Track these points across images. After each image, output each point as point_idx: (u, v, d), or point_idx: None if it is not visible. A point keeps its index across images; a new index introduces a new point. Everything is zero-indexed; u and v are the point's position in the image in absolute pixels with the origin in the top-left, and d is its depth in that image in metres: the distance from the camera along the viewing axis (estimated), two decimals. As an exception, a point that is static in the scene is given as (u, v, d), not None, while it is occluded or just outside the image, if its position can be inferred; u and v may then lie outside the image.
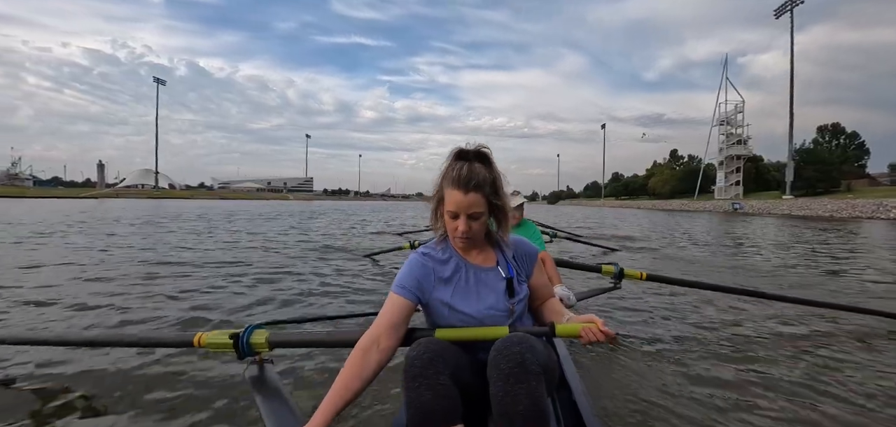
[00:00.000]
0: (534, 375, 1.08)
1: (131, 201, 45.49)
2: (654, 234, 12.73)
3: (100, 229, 10.65)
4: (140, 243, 7.92)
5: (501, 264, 1.37)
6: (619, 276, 2.98)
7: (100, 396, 1.94)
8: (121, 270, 5.04)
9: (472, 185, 1.25)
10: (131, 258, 6.03)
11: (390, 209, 36.96)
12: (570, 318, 1.33)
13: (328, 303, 3.75)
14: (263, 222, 14.94)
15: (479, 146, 1.33)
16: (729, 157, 59.44)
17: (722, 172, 60.18)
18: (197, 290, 4.07)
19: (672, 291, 3.95)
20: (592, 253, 7.48)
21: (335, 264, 5.84)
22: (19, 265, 5.33)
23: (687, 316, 3.30)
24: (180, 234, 9.91)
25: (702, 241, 10.72)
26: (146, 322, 3.08)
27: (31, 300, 3.60)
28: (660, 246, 9.36)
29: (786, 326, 3.05)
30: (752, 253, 8.30)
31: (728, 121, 60.73)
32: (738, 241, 11.06)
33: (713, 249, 8.92)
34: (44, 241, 8.04)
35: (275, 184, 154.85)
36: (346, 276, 4.98)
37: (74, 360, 2.27)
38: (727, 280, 5.07)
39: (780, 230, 15.55)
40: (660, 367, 2.33)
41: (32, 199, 45.13)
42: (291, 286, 4.36)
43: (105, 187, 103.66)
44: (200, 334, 1.59)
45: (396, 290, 1.29)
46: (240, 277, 4.74)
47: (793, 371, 2.29)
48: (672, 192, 71.04)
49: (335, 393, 1.15)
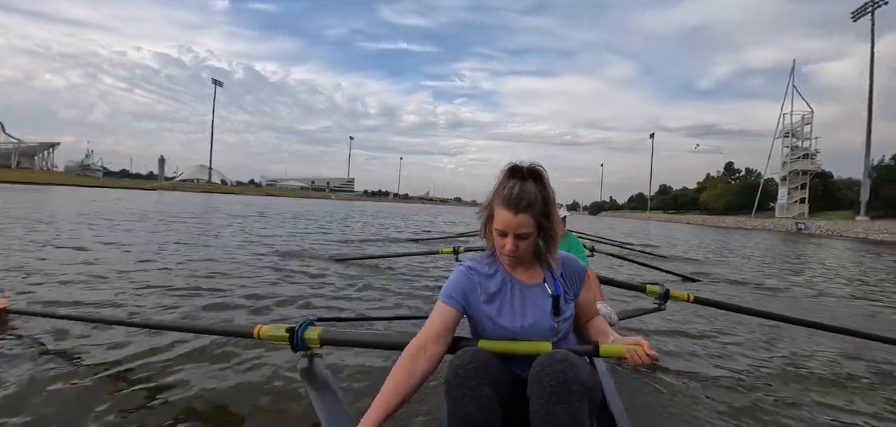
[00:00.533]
0: (576, 396, 1.07)
1: (187, 194, 48.62)
2: (702, 252, 11.82)
3: (159, 222, 11.24)
4: (189, 237, 8.37)
5: (548, 281, 1.35)
6: (665, 296, 2.82)
7: (164, 379, 2.06)
8: (174, 261, 5.36)
9: (521, 205, 1.23)
10: (183, 251, 6.35)
11: (427, 212, 37.29)
12: (616, 339, 1.30)
13: (374, 304, 3.87)
14: (309, 222, 15.39)
15: (533, 164, 1.30)
16: (793, 172, 54.60)
17: (784, 188, 55.30)
18: (253, 284, 4.31)
19: (722, 317, 3.70)
20: (636, 270, 6.93)
21: (375, 265, 6.01)
22: (86, 249, 5.92)
23: (736, 345, 3.09)
24: (236, 230, 10.53)
25: (759, 262, 9.85)
26: (206, 311, 3.32)
27: (111, 283, 3.97)
28: (708, 264, 8.60)
29: (852, 362, 2.82)
30: (820, 279, 7.49)
31: (793, 132, 55.90)
32: (803, 265, 10.04)
33: (772, 272, 8.06)
34: (116, 230, 8.64)
35: (318, 183, 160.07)
36: (388, 278, 5.12)
37: (140, 342, 2.42)
38: (785, 308, 4.56)
39: (853, 255, 14.28)
40: (704, 396, 2.22)
41: (100, 188, 49.19)
42: (337, 284, 4.60)
43: (164, 180, 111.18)
44: (259, 327, 1.69)
45: (444, 300, 1.30)
46: (292, 274, 5.02)
47: (854, 413, 2.13)
48: (726, 207, 66.26)
49: (383, 397, 1.15)
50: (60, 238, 6.90)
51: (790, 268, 9.19)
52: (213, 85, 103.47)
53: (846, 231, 35.25)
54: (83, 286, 3.81)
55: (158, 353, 2.32)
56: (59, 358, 2.21)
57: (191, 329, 2.28)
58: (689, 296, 2.83)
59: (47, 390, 1.89)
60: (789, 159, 55.71)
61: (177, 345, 2.41)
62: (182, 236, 8.26)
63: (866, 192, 41.83)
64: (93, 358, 2.23)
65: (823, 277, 7.78)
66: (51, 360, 2.18)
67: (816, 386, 2.44)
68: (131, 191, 50.00)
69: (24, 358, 2.19)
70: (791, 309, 4.62)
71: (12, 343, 2.37)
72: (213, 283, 4.22)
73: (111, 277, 4.17)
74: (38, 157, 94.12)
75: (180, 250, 6.37)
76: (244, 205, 28.26)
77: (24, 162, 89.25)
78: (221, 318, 3.21)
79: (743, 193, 66.19)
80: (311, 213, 21.54)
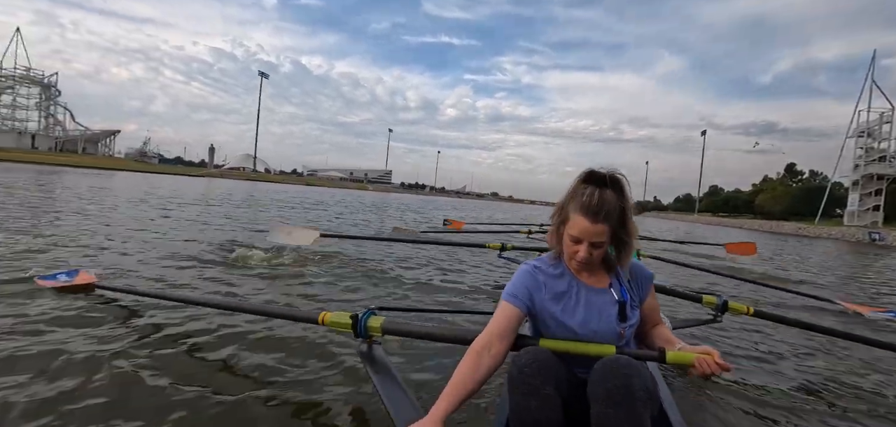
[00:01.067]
0: (640, 402, 1.06)
1: (233, 182, 50.72)
2: (749, 260, 10.41)
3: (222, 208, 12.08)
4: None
5: (614, 287, 1.33)
6: (722, 308, 2.64)
7: (235, 356, 2.18)
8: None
9: (601, 215, 1.22)
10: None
11: (464, 206, 37.30)
12: (682, 347, 1.27)
13: (430, 295, 3.96)
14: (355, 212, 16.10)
15: (613, 170, 1.27)
16: (867, 176, 49.23)
17: (856, 193, 50.03)
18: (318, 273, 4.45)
19: (785, 333, 3.47)
20: (686, 276, 6.52)
21: (423, 250, 6.33)
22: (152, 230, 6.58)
23: (799, 363, 2.94)
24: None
25: (827, 273, 9.29)
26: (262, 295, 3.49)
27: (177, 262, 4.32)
28: (763, 274, 7.81)
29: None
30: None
31: (869, 132, 50.31)
32: (881, 279, 9.11)
33: (841, 285, 7.29)
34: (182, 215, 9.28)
35: (356, 174, 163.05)
36: (438, 266, 5.34)
37: (212, 322, 2.56)
38: (853, 327, 3.96)
39: None
40: (761, 416, 2.10)
41: (156, 174, 52.22)
42: (393, 268, 4.97)
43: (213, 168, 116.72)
44: (324, 313, 1.74)
45: (507, 299, 1.30)
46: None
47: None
48: (785, 212, 61.26)
49: (451, 392, 1.15)
50: (137, 220, 7.54)
51: (866, 281, 8.35)
52: (260, 77, 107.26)
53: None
54: (159, 266, 4.11)
55: (227, 332, 2.45)
56: (139, 332, 2.36)
57: (260, 312, 2.40)
58: (750, 309, 2.63)
59: (128, 362, 2.00)
60: (863, 161, 50.28)
61: (244, 326, 2.54)
62: (242, 222, 8.90)
63: (957, 201, 37.20)
64: (169, 334, 2.38)
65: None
66: (131, 334, 2.33)
67: (885, 409, 2.30)
68: (182, 177, 52.58)
69: (108, 331, 2.35)
70: (860, 327, 4.08)
71: (98, 316, 2.55)
72: (275, 270, 4.35)
73: (183, 259, 4.47)
74: (101, 143, 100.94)
75: (241, 235, 6.78)
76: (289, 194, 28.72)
77: (89, 148, 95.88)
78: (285, 302, 3.35)
79: (805, 198, 60.92)
80: (348, 204, 21.80)
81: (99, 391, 1.75)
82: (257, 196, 18.77)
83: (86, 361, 1.98)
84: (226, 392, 1.83)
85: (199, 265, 4.26)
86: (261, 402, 1.79)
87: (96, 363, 1.96)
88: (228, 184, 41.72)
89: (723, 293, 2.85)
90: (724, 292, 2.82)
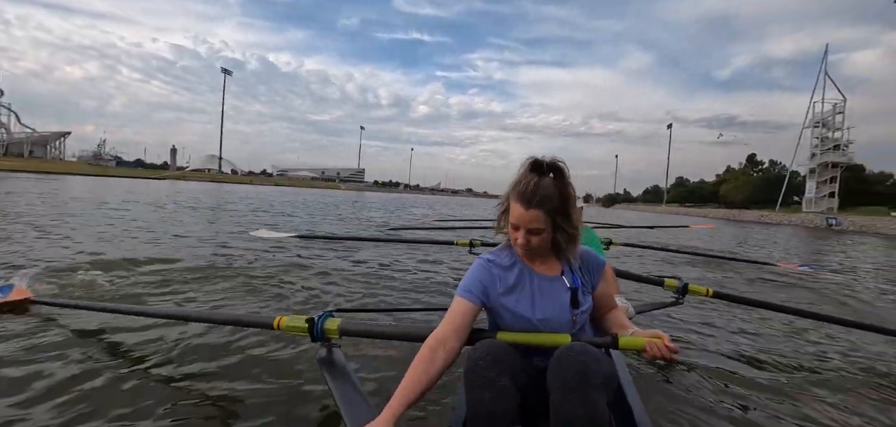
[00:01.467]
0: (595, 387, 1.07)
1: (194, 184, 48.54)
2: (717, 246, 11.26)
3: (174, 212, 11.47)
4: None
5: (566, 274, 1.35)
6: (683, 290, 2.71)
7: (186, 367, 2.11)
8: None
9: (534, 201, 1.23)
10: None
11: (435, 204, 36.78)
12: (635, 332, 1.30)
13: (393, 291, 3.97)
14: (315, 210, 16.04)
15: (554, 159, 1.30)
16: (822, 164, 51.36)
17: (813, 181, 52.04)
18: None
19: (742, 313, 3.65)
20: (654, 263, 7.00)
21: (384, 252, 6.10)
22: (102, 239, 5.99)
23: (757, 341, 3.04)
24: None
25: (794, 257, 9.86)
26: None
27: (132, 274, 3.97)
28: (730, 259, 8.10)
29: (881, 360, 2.78)
30: (851, 277, 7.11)
31: (824, 122, 52.46)
32: (837, 261, 9.51)
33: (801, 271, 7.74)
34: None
35: (328, 173, 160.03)
36: (404, 267, 5.17)
37: (160, 332, 2.44)
38: (808, 304, 4.38)
39: (892, 253, 13.28)
40: (722, 392, 2.20)
41: (112, 178, 49.42)
42: (354, 270, 4.77)
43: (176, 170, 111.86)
44: (279, 318, 1.70)
45: (462, 294, 1.30)
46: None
47: (879, 413, 2.09)
48: (747, 201, 63.52)
49: (403, 391, 1.14)
50: (79, 228, 6.88)
51: (825, 264, 8.74)
52: (223, 73, 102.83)
53: (884, 228, 32.91)
54: (103, 275, 3.81)
55: (178, 343, 2.34)
56: (81, 348, 2.23)
57: (210, 319, 2.29)
58: (708, 290, 2.73)
59: (69, 380, 1.91)
60: (819, 151, 52.44)
61: (196, 335, 2.44)
62: (197, 226, 8.33)
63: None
64: (114, 348, 2.28)
65: (855, 275, 7.34)
66: (73, 350, 2.19)
67: (838, 383, 2.39)
68: (141, 180, 49.91)
69: (47, 348, 2.21)
70: (813, 304, 4.46)
71: (36, 333, 2.37)
72: (230, 273, 4.20)
73: (130, 267, 4.18)
74: (51, 146, 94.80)
75: (192, 241, 6.39)
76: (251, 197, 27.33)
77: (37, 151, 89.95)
78: (242, 308, 3.23)
79: (766, 187, 63.34)
80: (315, 204, 21.06)
81: (36, 415, 1.66)
82: (207, 201, 16.91)
83: (20, 382, 1.87)
84: (174, 405, 1.77)
85: (151, 274, 4.02)
86: (211, 413, 1.75)
87: (32, 383, 1.86)
88: (190, 186, 40.20)
89: (684, 276, 2.93)
90: (684, 275, 2.97)
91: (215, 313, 2.60)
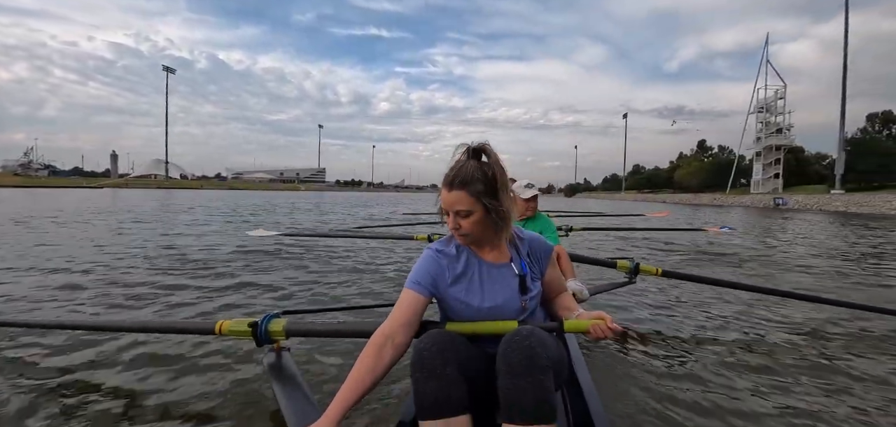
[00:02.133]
0: (541, 369, 1.09)
1: (137, 191, 44.66)
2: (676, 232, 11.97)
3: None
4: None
5: (515, 261, 1.36)
6: (635, 271, 2.90)
7: (123, 382, 2.00)
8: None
9: (456, 182, 1.24)
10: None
11: (401, 201, 35.83)
12: (580, 314, 1.34)
13: (345, 291, 3.89)
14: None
15: (481, 143, 1.30)
16: (767, 148, 53.94)
17: (759, 164, 54.51)
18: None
19: (689, 289, 3.85)
20: (611, 247, 7.36)
21: (343, 246, 6.18)
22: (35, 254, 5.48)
23: (703, 314, 3.23)
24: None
25: (748, 237, 10.04)
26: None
27: (52, 287, 3.79)
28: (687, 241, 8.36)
29: (812, 329, 2.94)
30: (797, 253, 7.35)
31: (767, 107, 55.00)
32: (784, 240, 9.89)
33: (752, 252, 7.48)
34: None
35: (287, 174, 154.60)
36: (356, 262, 5.16)
37: (95, 347, 2.32)
38: (751, 279, 4.81)
39: (835, 228, 13.91)
40: (673, 365, 2.30)
41: (41, 189, 45.06)
42: (302, 269, 4.72)
43: (118, 177, 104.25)
44: (221, 322, 1.64)
45: (411, 286, 1.28)
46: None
47: (813, 376, 2.21)
48: (701, 185, 66.18)
49: (348, 388, 1.14)
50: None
51: (773, 242, 9.10)
52: (165, 71, 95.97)
53: (825, 205, 34.66)
54: (31, 290, 3.65)
55: (113, 356, 2.25)
56: (7, 366, 2.14)
57: (146, 329, 2.20)
58: (658, 270, 2.89)
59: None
60: (763, 135, 55.11)
61: (132, 347, 2.34)
62: (131, 236, 7.82)
63: (841, 166, 41.54)
64: (43, 366, 2.16)
65: (808, 250, 7.77)
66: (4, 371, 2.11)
67: (780, 352, 2.51)
68: (75, 190, 45.71)
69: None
70: (759, 279, 4.78)
71: None
72: (169, 280, 4.08)
73: (59, 282, 3.98)
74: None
75: (127, 249, 6.05)
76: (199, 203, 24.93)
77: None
78: (180, 316, 3.12)
79: (717, 172, 66.09)
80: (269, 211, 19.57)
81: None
82: (139, 213, 14.62)
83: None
84: (107, 420, 1.70)
85: (80, 287, 3.80)
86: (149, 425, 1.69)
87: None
88: (134, 194, 37.09)
89: (636, 256, 3.28)
90: (637, 254, 3.49)
91: (150, 322, 2.51)
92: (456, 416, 1.08)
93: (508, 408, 1.06)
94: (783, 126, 54.11)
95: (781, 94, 53.99)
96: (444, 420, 1.08)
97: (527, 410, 1.05)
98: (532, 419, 1.04)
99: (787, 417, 1.80)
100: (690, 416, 1.79)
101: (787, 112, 53.82)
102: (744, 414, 1.82)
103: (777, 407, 1.88)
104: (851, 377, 2.17)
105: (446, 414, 1.07)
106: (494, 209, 1.25)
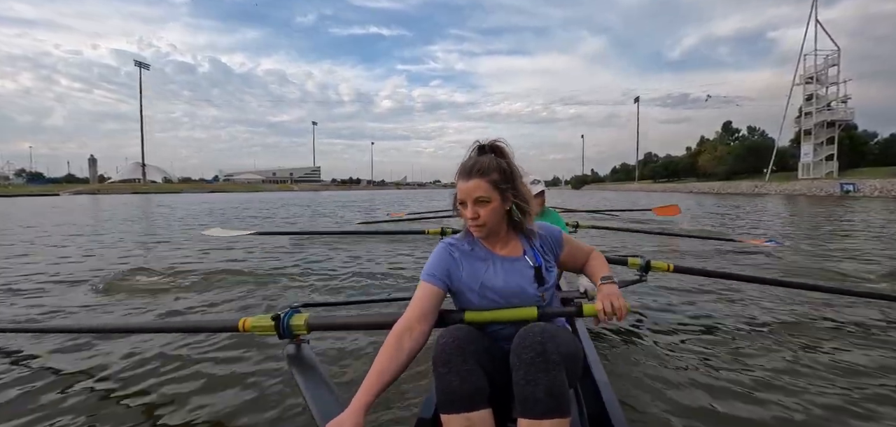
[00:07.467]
0: (554, 364, 1.11)
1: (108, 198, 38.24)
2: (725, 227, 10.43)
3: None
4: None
5: (528, 254, 1.37)
6: (646, 268, 2.71)
7: (150, 381, 2.06)
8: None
9: (474, 171, 1.27)
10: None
11: (404, 199, 32.47)
12: (603, 285, 1.35)
13: (363, 284, 4.11)
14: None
15: (495, 140, 1.34)
16: (819, 125, 46.10)
17: (809, 144, 46.65)
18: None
19: (701, 284, 3.80)
20: (622, 242, 7.16)
21: (356, 245, 6.38)
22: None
23: (716, 309, 3.21)
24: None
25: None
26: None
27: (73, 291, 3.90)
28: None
29: (838, 323, 2.83)
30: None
31: (817, 78, 46.88)
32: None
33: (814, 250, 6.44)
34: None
35: (280, 174, 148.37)
36: (373, 256, 5.47)
37: (121, 349, 2.38)
38: (770, 273, 4.61)
39: None
40: (686, 360, 2.29)
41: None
42: (324, 264, 4.99)
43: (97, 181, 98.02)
44: (244, 319, 1.68)
45: (426, 279, 1.31)
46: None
47: (832, 367, 2.17)
48: (729, 172, 58.51)
49: (372, 379, 1.16)
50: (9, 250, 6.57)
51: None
52: (138, 67, 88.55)
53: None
54: (46, 296, 3.72)
55: (141, 357, 2.29)
56: (40, 371, 2.19)
57: (172, 329, 2.28)
58: (670, 266, 2.83)
59: (30, 406, 1.86)
60: (814, 109, 47.04)
61: (159, 348, 2.38)
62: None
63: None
64: (72, 368, 2.20)
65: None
66: (31, 375, 2.15)
67: (793, 343, 2.48)
68: (38, 198, 39.90)
69: (9, 374, 2.16)
70: (759, 271, 4.71)
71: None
72: (186, 281, 4.18)
73: (73, 286, 4.07)
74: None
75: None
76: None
77: None
78: (205, 315, 3.20)
79: (748, 156, 58.38)
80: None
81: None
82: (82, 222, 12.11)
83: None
84: (134, 422, 1.74)
85: (75, 292, 3.86)
86: (181, 422, 1.75)
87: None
88: (84, 201, 32.29)
89: (647, 253, 3.39)
90: (647, 253, 3.19)
91: (175, 323, 2.62)
92: (477, 410, 1.10)
93: (523, 402, 1.08)
94: (838, 98, 46.13)
95: (834, 61, 45.91)
96: (465, 414, 1.09)
97: (541, 404, 1.07)
98: (546, 413, 1.06)
99: (808, 410, 1.78)
100: (705, 409, 1.80)
101: (841, 81, 45.86)
102: (760, 407, 1.80)
103: (798, 402, 1.85)
104: (883, 373, 2.09)
105: (468, 408, 1.09)
106: (515, 195, 1.30)
